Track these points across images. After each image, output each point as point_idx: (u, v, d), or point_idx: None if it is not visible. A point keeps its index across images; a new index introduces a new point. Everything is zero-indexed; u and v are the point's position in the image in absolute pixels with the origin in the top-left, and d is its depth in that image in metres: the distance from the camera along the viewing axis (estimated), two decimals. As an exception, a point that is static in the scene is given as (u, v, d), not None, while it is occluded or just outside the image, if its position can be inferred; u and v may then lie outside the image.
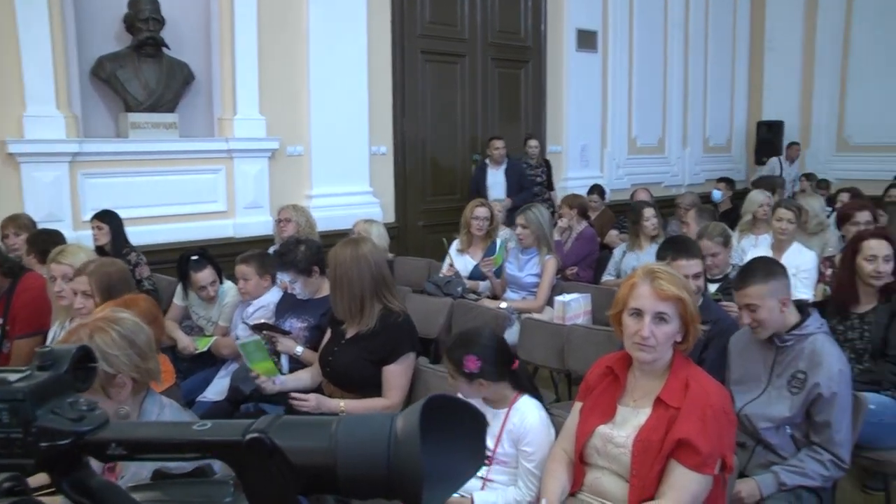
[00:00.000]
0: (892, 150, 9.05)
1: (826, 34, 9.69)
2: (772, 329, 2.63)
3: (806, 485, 2.50)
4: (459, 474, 0.62)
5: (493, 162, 6.85)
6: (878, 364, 3.12)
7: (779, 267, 2.72)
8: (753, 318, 2.62)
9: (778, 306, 2.59)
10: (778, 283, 2.61)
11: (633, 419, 2.11)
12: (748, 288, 2.61)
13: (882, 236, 3.32)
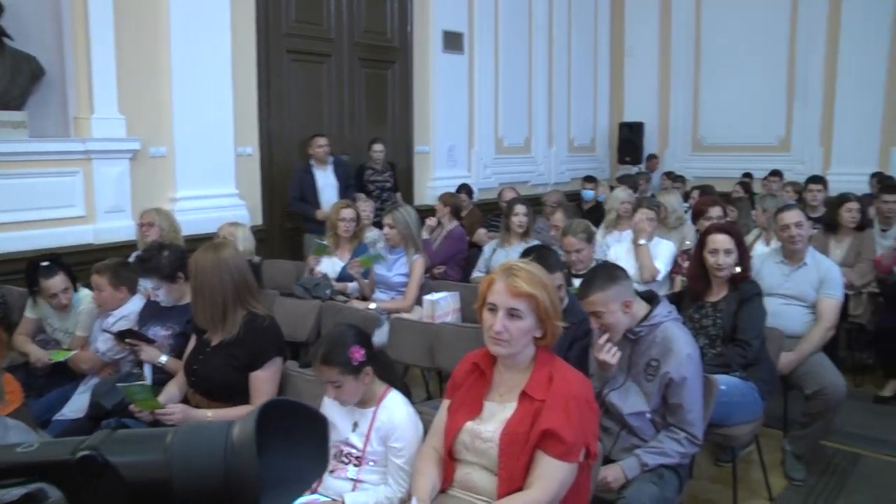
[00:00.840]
0: (740, 150, 9.72)
1: (680, 41, 10.29)
2: (621, 330, 2.75)
3: (666, 463, 2.65)
4: (302, 479, 0.62)
5: (318, 162, 6.52)
6: (728, 348, 3.34)
7: (619, 271, 2.82)
8: (601, 324, 2.74)
9: (621, 309, 2.72)
10: (619, 287, 2.73)
11: (499, 413, 2.15)
12: (591, 296, 2.72)
13: (724, 231, 3.52)
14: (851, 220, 5.12)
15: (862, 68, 8.77)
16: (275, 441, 0.57)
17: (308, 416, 0.62)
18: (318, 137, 6.51)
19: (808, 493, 3.61)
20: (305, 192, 6.44)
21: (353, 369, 2.36)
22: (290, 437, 0.59)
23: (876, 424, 4.46)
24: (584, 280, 2.83)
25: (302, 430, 0.61)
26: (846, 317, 4.89)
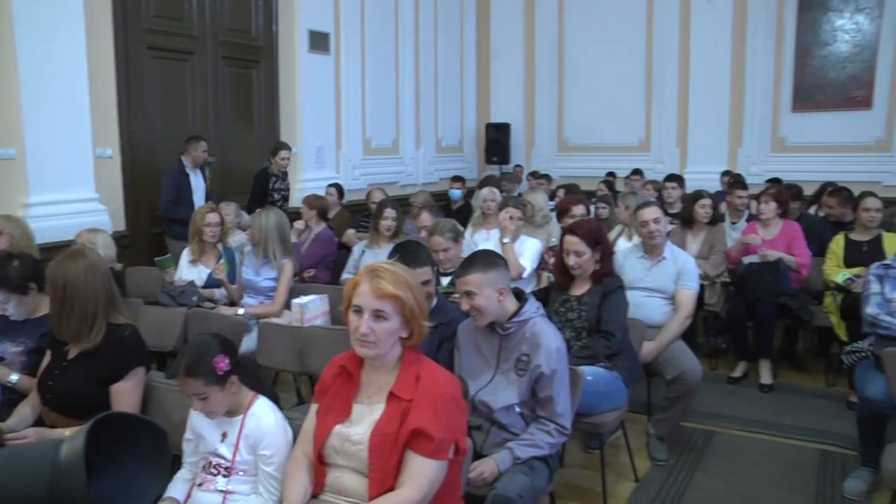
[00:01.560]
0: (604, 150, 10.15)
1: (544, 45, 10.61)
2: (490, 317, 2.81)
3: (537, 455, 2.72)
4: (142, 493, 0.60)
5: (194, 165, 6.37)
6: (593, 339, 3.48)
7: (499, 259, 2.90)
8: (472, 305, 2.78)
9: (495, 295, 2.78)
10: (497, 273, 2.80)
11: (368, 415, 2.15)
12: (468, 275, 2.77)
13: (573, 232, 3.65)
14: (705, 215, 5.45)
15: (710, 75, 9.37)
16: (110, 456, 0.55)
17: (145, 429, 0.61)
18: (201, 142, 6.37)
19: (670, 472, 3.84)
20: (182, 196, 6.25)
21: (218, 379, 2.28)
22: (126, 452, 0.57)
23: (729, 403, 4.81)
24: (464, 261, 2.87)
25: (140, 443, 0.59)
26: (702, 305, 5.20)
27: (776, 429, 4.38)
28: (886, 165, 8.52)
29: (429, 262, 3.23)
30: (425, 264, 3.17)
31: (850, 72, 8.82)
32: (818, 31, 8.95)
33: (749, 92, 9.28)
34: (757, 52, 9.18)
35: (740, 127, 9.36)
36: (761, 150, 9.29)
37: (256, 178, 6.82)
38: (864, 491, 3.56)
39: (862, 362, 3.74)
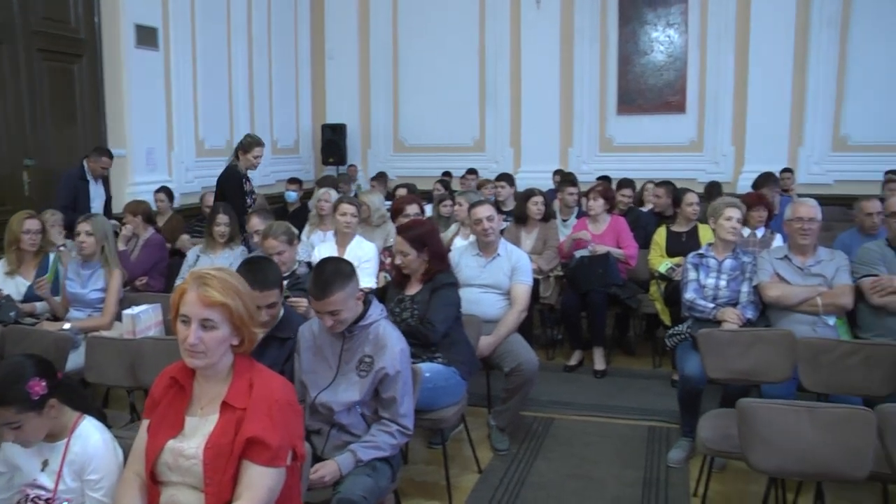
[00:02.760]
0: (440, 150, 10.32)
1: (378, 46, 10.60)
2: (349, 324, 2.79)
3: (379, 456, 2.73)
4: None
5: (96, 176, 6.15)
6: (415, 327, 3.53)
7: (347, 265, 2.86)
8: (337, 321, 2.75)
9: (355, 303, 2.78)
10: (353, 282, 2.78)
11: (202, 428, 2.06)
12: (332, 296, 2.69)
13: (398, 233, 3.74)
14: (538, 212, 5.67)
15: (540, 78, 9.75)
16: None
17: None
18: (103, 158, 6.15)
19: (512, 460, 3.96)
20: (79, 204, 5.86)
21: (33, 405, 2.10)
22: None
23: (566, 390, 5.04)
24: (317, 281, 2.75)
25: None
26: (537, 299, 5.43)
27: (610, 411, 4.64)
28: (700, 164, 9.26)
29: (278, 284, 3.07)
30: (274, 286, 3.02)
31: (666, 79, 9.51)
32: (637, 41, 9.58)
33: (577, 95, 9.75)
34: (584, 58, 9.66)
35: (570, 128, 9.83)
36: (590, 149, 9.79)
37: (227, 180, 5.91)
38: (684, 459, 3.88)
39: (682, 344, 4.06)
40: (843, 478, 2.61)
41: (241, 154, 5.92)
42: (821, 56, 8.79)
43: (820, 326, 3.78)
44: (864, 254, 3.94)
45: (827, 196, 7.62)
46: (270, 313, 2.86)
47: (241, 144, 5.96)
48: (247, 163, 5.94)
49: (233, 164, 5.93)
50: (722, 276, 4.10)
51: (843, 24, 8.77)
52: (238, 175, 5.88)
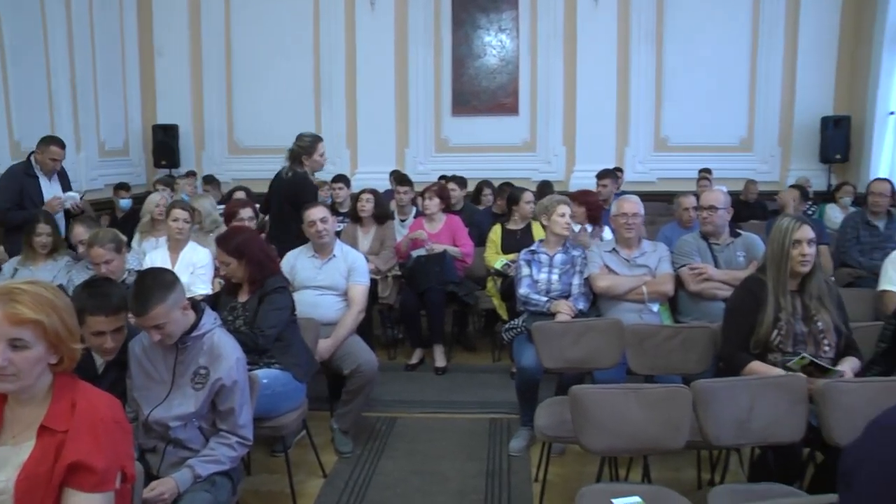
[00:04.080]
0: (276, 152, 9.83)
1: (211, 45, 10.16)
2: (179, 334, 2.66)
3: (219, 470, 2.62)
4: None
5: (47, 170, 5.44)
6: (245, 334, 3.39)
7: (169, 275, 2.71)
8: (164, 334, 2.61)
9: (181, 313, 2.64)
10: (175, 293, 2.63)
11: (14, 458, 1.84)
12: (152, 311, 2.55)
13: (217, 242, 3.67)
14: (368, 209, 5.66)
15: (376, 79, 9.74)
16: None
17: None
18: (51, 146, 5.39)
19: (356, 462, 3.94)
20: (26, 202, 5.26)
21: None
22: None
23: (408, 389, 5.08)
24: (137, 296, 2.58)
25: None
26: (376, 299, 5.44)
27: (452, 406, 4.72)
28: (533, 163, 9.65)
29: (124, 307, 2.79)
30: (120, 310, 2.78)
31: (499, 82, 9.82)
32: (471, 44, 9.82)
33: (413, 97, 9.85)
34: (418, 60, 9.78)
35: (406, 129, 9.92)
36: (427, 150, 9.91)
37: (304, 191, 5.06)
38: (524, 447, 4.03)
39: (518, 337, 4.19)
40: (665, 450, 2.81)
41: (305, 159, 5.16)
42: (640, 64, 9.49)
43: (645, 313, 4.05)
44: (681, 245, 4.26)
45: (651, 193, 8.23)
46: (116, 339, 2.67)
47: (302, 148, 5.19)
48: (315, 165, 5.25)
49: (301, 171, 5.14)
50: (554, 270, 4.29)
51: (657, 38, 9.51)
52: (313, 184, 5.20)
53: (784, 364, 3.03)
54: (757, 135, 9.60)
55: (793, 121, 9.49)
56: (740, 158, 9.39)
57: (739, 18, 9.43)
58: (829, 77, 9.39)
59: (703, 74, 9.38)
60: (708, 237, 4.21)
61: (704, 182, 7.85)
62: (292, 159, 5.17)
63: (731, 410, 2.72)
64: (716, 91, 9.40)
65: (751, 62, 9.48)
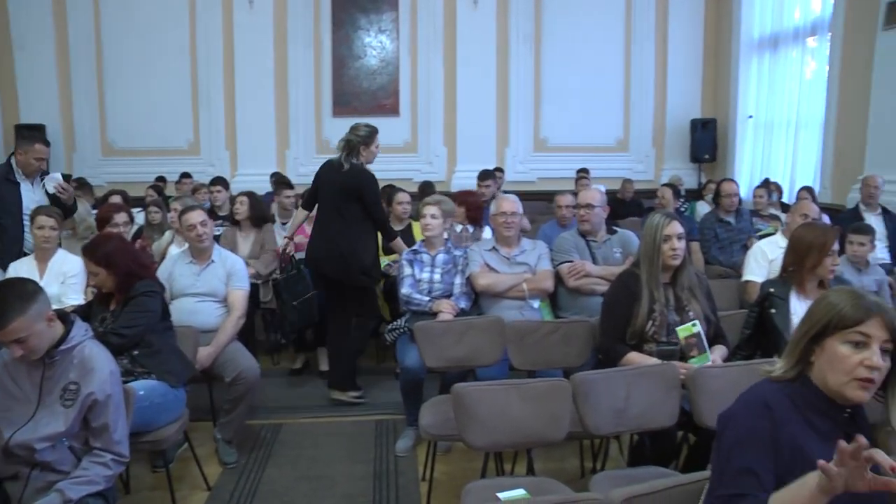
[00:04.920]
0: (151, 154, 9.64)
1: (78, 36, 9.56)
2: (44, 349, 2.51)
3: (92, 491, 2.49)
4: None
5: (27, 174, 4.91)
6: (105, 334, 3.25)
7: (30, 285, 2.54)
8: (26, 349, 2.45)
9: (45, 325, 2.49)
10: (37, 304, 2.47)
11: None
12: (11, 324, 2.39)
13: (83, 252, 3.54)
14: (242, 212, 5.51)
15: (255, 79, 9.55)
16: None
17: None
18: (35, 145, 4.90)
19: (242, 472, 3.83)
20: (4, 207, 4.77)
21: None
22: None
23: (293, 394, 5.02)
24: None
25: None
26: (259, 304, 5.32)
27: (337, 410, 4.68)
28: (415, 164, 9.71)
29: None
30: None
31: (380, 83, 9.83)
32: (351, 45, 9.78)
33: (293, 97, 9.72)
34: (298, 60, 9.65)
35: (287, 130, 9.76)
36: (307, 152, 9.79)
37: (368, 184, 4.70)
38: (411, 447, 4.06)
39: (401, 337, 4.20)
40: (547, 442, 2.88)
41: (363, 150, 4.74)
42: (519, 66, 9.75)
43: (526, 310, 4.15)
44: (560, 242, 4.39)
45: (531, 192, 8.47)
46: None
47: (361, 138, 4.75)
48: (370, 156, 4.83)
49: (358, 163, 4.73)
50: (436, 270, 4.33)
51: (536, 41, 9.81)
52: (374, 176, 4.78)
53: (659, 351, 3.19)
54: (632, 136, 10.10)
55: (665, 123, 10.06)
56: (617, 158, 9.84)
57: (613, 26, 9.88)
58: (697, 82, 10.03)
59: (580, 77, 9.75)
60: (585, 235, 4.36)
61: (583, 181, 8.14)
62: (349, 150, 4.75)
63: (608, 400, 2.84)
64: (593, 94, 9.80)
65: (625, 67, 9.96)
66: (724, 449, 1.72)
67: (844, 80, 7.28)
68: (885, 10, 6.51)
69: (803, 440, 1.68)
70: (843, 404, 1.73)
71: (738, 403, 1.78)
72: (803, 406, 1.72)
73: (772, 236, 4.77)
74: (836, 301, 1.72)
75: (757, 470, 1.64)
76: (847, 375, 1.66)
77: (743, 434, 1.69)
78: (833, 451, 1.49)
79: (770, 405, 1.70)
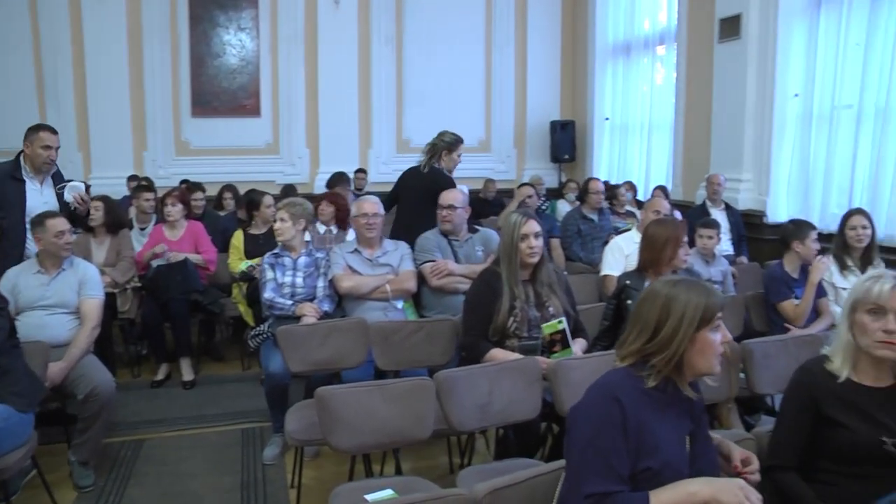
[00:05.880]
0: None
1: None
2: None
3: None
4: None
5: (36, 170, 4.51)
6: None
7: None
8: None
9: None
10: None
11: None
12: None
13: None
14: (100, 219, 5.23)
15: (108, 79, 9.05)
16: None
17: None
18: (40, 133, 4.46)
19: (100, 495, 3.62)
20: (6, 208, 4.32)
21: None
22: None
23: (155, 407, 4.80)
24: None
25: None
26: (116, 314, 5.08)
27: (201, 421, 4.55)
28: (277, 166, 9.54)
29: None
30: None
31: (240, 82, 9.57)
32: (210, 43, 9.46)
33: (149, 97, 9.29)
34: (154, 58, 9.23)
35: (143, 130, 9.33)
36: (167, 153, 9.41)
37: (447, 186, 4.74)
38: (278, 454, 4.00)
39: (265, 343, 4.12)
40: (413, 441, 2.90)
41: (444, 155, 5.11)
42: (382, 68, 9.78)
43: (390, 311, 4.16)
44: (422, 242, 4.43)
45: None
46: None
47: (446, 143, 5.13)
48: (451, 163, 5.16)
49: (438, 167, 5.09)
50: (298, 273, 4.26)
51: (398, 42, 9.86)
52: (453, 180, 4.86)
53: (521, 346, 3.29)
54: (494, 137, 10.36)
55: (526, 124, 10.40)
56: (479, 159, 10.04)
57: (474, 29, 10.10)
58: (555, 85, 10.43)
59: (442, 79, 9.89)
60: (448, 234, 4.43)
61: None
62: (431, 154, 5.14)
63: (472, 397, 2.90)
64: (455, 95, 9.97)
65: (486, 69, 10.21)
66: (579, 443, 1.81)
67: (690, 87, 7.77)
68: (719, 25, 7.01)
69: (650, 421, 1.81)
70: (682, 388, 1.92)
71: (588, 396, 1.89)
72: (650, 390, 1.86)
73: (627, 232, 5.03)
74: (696, 297, 1.87)
75: (616, 463, 1.75)
76: (715, 357, 1.88)
77: (597, 428, 1.79)
78: (675, 428, 1.77)
79: (618, 396, 1.81)
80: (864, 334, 2.15)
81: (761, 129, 6.62)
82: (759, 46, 6.56)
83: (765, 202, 6.58)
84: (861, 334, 2.16)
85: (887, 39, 5.46)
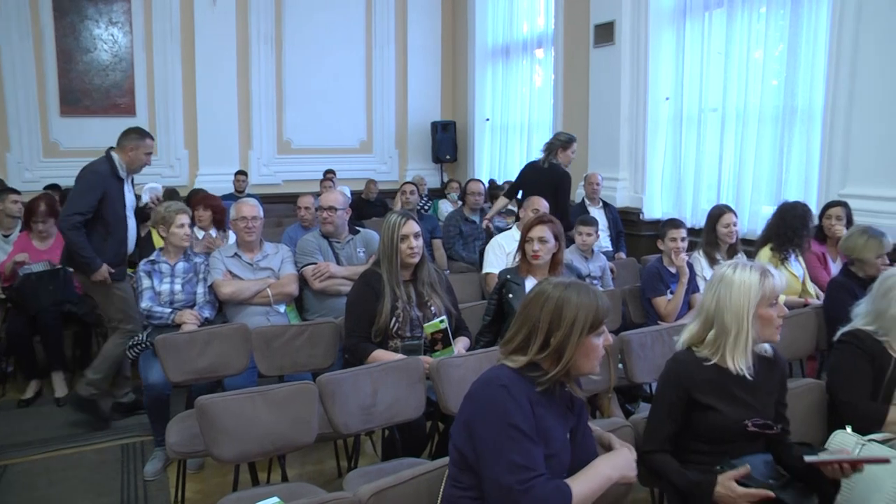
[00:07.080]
0: None
1: None
2: None
3: None
4: None
5: (133, 169, 4.58)
6: None
7: None
8: None
9: None
10: None
11: None
12: None
13: None
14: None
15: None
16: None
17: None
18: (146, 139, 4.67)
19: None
20: (107, 211, 4.30)
21: None
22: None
23: (23, 429, 4.51)
24: None
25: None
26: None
27: (77, 439, 4.32)
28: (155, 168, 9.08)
29: None
30: None
31: (113, 79, 9.14)
32: (79, 37, 8.98)
33: (10, 93, 8.72)
34: (13, 51, 8.66)
35: (5, 130, 8.76)
36: (33, 155, 8.89)
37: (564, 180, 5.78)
38: (161, 469, 3.86)
39: (144, 353, 3.96)
40: (298, 446, 2.87)
41: (560, 152, 5.81)
42: (261, 67, 9.61)
43: (273, 315, 4.10)
44: (303, 245, 4.38)
45: (277, 195, 8.36)
46: None
47: (561, 142, 5.85)
48: (566, 159, 5.86)
49: (556, 163, 5.80)
50: (176, 280, 4.13)
51: (277, 42, 9.72)
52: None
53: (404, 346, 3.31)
54: (375, 138, 10.39)
55: (407, 125, 10.48)
56: (361, 160, 10.08)
57: (355, 29, 10.10)
58: (436, 87, 10.56)
59: (323, 80, 9.85)
60: (328, 236, 4.40)
61: (328, 183, 8.19)
62: (549, 151, 5.84)
63: (356, 399, 2.90)
64: (336, 96, 9.96)
65: (367, 70, 10.23)
66: (487, 439, 1.82)
67: (567, 89, 8.03)
68: (594, 31, 7.29)
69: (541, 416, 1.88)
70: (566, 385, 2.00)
71: (483, 388, 1.91)
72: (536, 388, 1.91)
73: (508, 231, 5.14)
74: (586, 303, 1.92)
75: (532, 448, 1.80)
76: (597, 360, 1.96)
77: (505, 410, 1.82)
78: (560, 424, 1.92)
79: (509, 388, 1.85)
80: (769, 325, 2.28)
81: (636, 130, 6.94)
82: (632, 52, 6.87)
83: (641, 199, 6.91)
84: (766, 326, 2.28)
85: (741, 49, 5.89)
